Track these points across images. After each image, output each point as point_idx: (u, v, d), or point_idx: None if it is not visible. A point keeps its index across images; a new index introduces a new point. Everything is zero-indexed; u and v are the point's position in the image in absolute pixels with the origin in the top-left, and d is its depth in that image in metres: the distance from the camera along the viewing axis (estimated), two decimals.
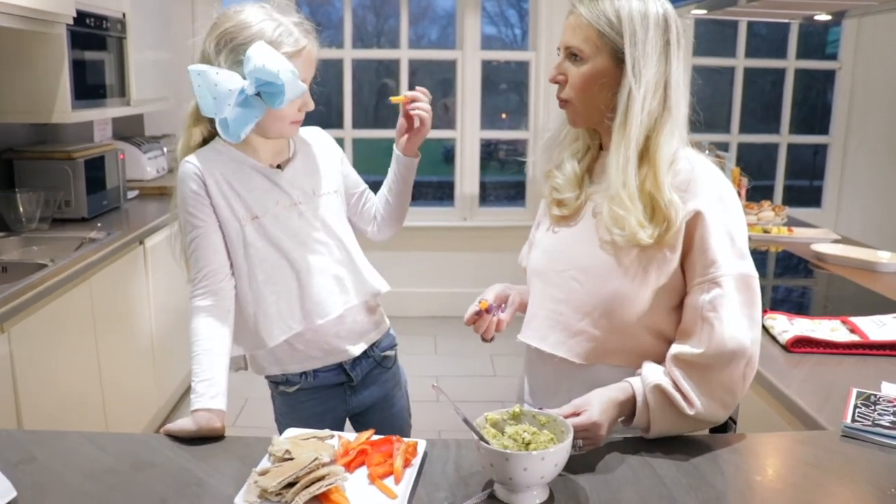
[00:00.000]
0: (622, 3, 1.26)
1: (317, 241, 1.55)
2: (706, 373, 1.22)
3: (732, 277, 1.23)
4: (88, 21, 3.11)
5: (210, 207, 1.48)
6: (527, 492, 1.06)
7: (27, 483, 1.12)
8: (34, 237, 2.90)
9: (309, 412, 1.63)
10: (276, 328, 1.53)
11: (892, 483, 1.12)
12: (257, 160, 1.52)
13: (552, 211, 1.42)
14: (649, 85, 1.24)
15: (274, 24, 1.43)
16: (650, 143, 1.26)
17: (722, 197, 1.27)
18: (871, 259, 2.53)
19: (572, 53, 1.30)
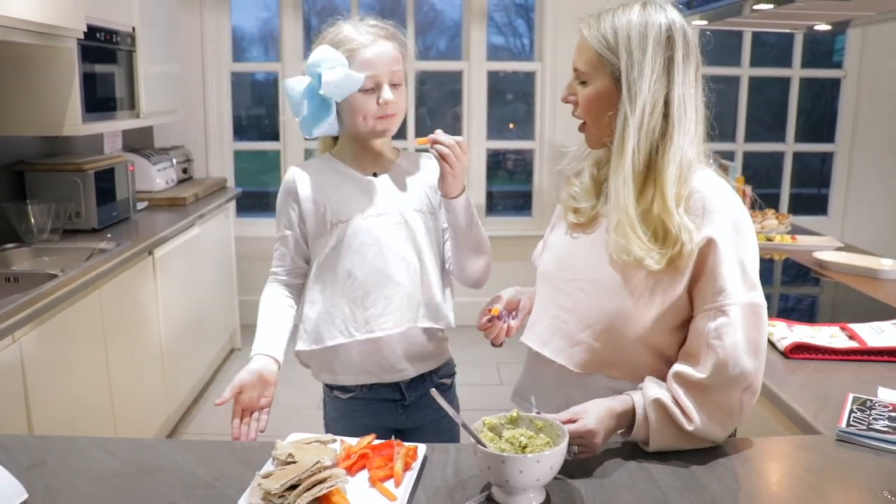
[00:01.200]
0: (621, 23, 1.27)
1: (396, 255, 1.59)
2: (706, 394, 1.22)
3: (740, 307, 1.22)
4: (99, 35, 3.17)
5: (297, 215, 1.62)
6: (523, 494, 1.09)
7: (38, 486, 1.15)
8: (45, 248, 2.94)
9: (359, 422, 1.65)
10: (337, 330, 1.60)
11: (884, 486, 1.14)
12: (355, 169, 1.62)
13: (568, 217, 1.42)
14: (646, 105, 1.24)
15: (345, 30, 1.56)
16: (654, 164, 1.26)
17: (737, 224, 1.26)
18: (874, 266, 2.54)
19: (579, 77, 1.32)
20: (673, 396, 1.24)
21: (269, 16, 5.14)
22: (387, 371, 1.64)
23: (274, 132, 5.04)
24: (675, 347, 1.31)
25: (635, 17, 1.27)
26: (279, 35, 4.81)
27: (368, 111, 1.54)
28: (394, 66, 1.55)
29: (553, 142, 4.90)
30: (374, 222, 1.58)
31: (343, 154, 1.65)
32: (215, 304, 4.14)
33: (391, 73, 1.54)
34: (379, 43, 1.55)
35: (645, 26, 1.26)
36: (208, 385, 4.01)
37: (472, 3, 4.79)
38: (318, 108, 1.54)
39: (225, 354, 4.39)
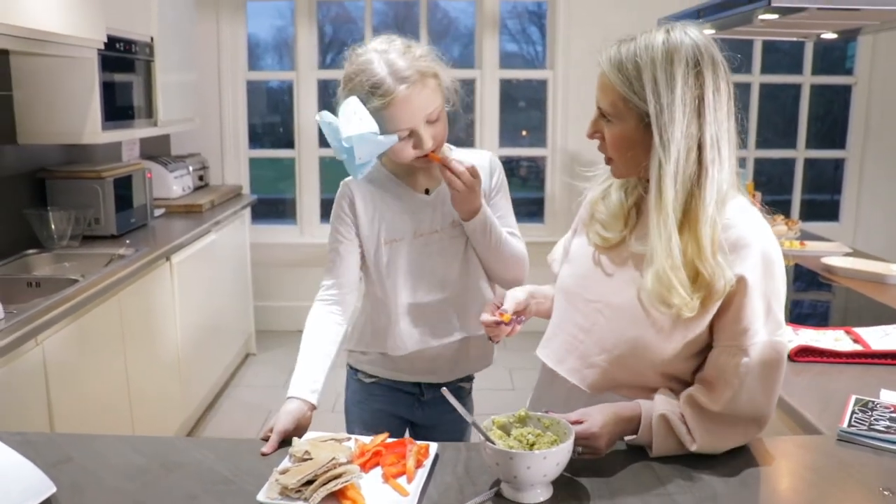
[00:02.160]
0: (645, 60, 1.21)
1: (447, 270, 1.64)
2: (715, 423, 1.24)
3: (761, 345, 1.22)
4: (118, 45, 3.24)
5: (354, 227, 1.64)
6: (531, 490, 1.13)
7: (65, 482, 1.20)
8: (65, 254, 3.00)
9: (377, 407, 1.72)
10: (395, 343, 1.65)
11: (882, 483, 1.17)
12: (409, 184, 1.64)
13: (592, 236, 1.40)
14: (680, 152, 1.20)
15: (376, 74, 1.48)
16: (690, 209, 1.22)
17: (768, 261, 1.23)
18: (882, 271, 2.57)
19: (605, 114, 1.28)
20: (681, 414, 1.25)
21: (283, 24, 5.21)
22: (415, 374, 1.71)
23: (288, 140, 5.11)
24: (689, 373, 1.31)
25: (658, 52, 1.21)
26: (294, 44, 4.88)
27: (408, 156, 1.54)
28: (429, 109, 1.52)
29: (566, 149, 4.94)
30: (427, 240, 1.63)
31: (396, 166, 1.64)
32: (231, 309, 4.20)
33: (426, 116, 1.52)
34: (413, 93, 1.49)
35: (671, 64, 1.20)
36: (224, 390, 4.06)
37: (485, 12, 4.85)
38: (358, 161, 1.52)
39: (240, 360, 4.45)
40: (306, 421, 1.44)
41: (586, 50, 4.96)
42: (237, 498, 1.16)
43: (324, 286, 1.66)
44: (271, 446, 1.33)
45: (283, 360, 4.51)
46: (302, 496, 1.12)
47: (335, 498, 1.13)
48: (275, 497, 1.13)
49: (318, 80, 4.90)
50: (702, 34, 1.25)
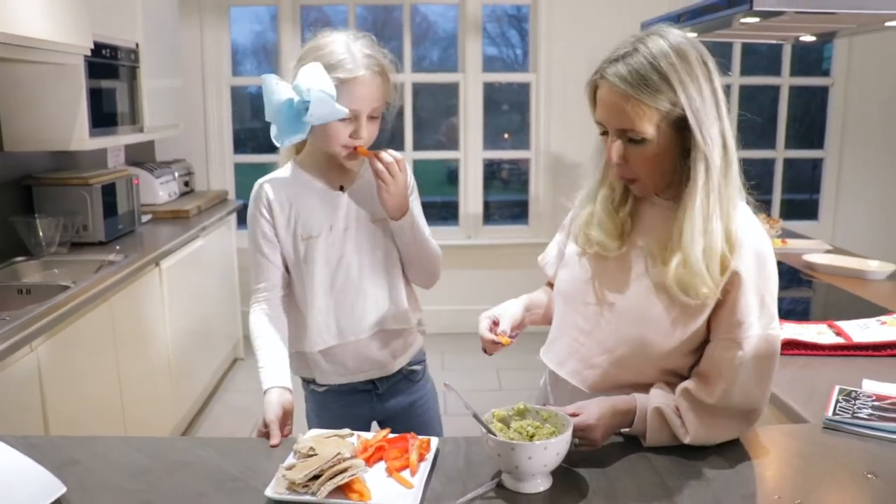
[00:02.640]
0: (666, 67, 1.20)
1: (361, 265, 1.67)
2: (710, 415, 1.27)
3: (756, 339, 1.26)
4: (104, 52, 3.24)
5: (273, 228, 1.64)
6: (531, 480, 1.16)
7: (73, 482, 1.21)
8: (54, 260, 3.00)
9: (336, 413, 1.75)
10: (314, 338, 1.68)
11: (867, 468, 1.23)
12: (322, 182, 1.66)
13: (587, 248, 1.40)
14: (717, 143, 1.23)
15: (341, 51, 1.54)
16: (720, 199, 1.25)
17: (762, 258, 1.27)
18: (861, 268, 2.63)
19: (632, 137, 1.25)
20: (676, 407, 1.29)
21: (262, 28, 5.22)
22: (359, 372, 1.74)
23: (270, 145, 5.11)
24: (687, 368, 1.35)
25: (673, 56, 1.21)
26: (278, 49, 4.90)
27: (340, 139, 1.56)
28: (375, 103, 1.57)
29: (549, 151, 4.99)
30: (342, 236, 1.66)
31: (310, 164, 1.67)
32: (219, 314, 4.21)
33: (372, 109, 1.57)
34: (370, 80, 1.55)
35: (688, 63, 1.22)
36: (213, 394, 4.07)
37: (468, 16, 4.89)
38: (294, 124, 1.54)
39: (228, 364, 4.45)
40: (289, 405, 1.52)
41: (569, 53, 5.02)
42: (245, 494, 1.19)
43: (255, 290, 1.69)
44: (276, 437, 1.39)
45: None
46: (309, 490, 1.15)
47: (342, 491, 1.16)
48: (283, 492, 1.16)
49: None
50: (685, 35, 1.27)
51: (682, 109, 1.21)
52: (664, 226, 1.31)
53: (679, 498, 1.15)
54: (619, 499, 1.15)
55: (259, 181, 1.68)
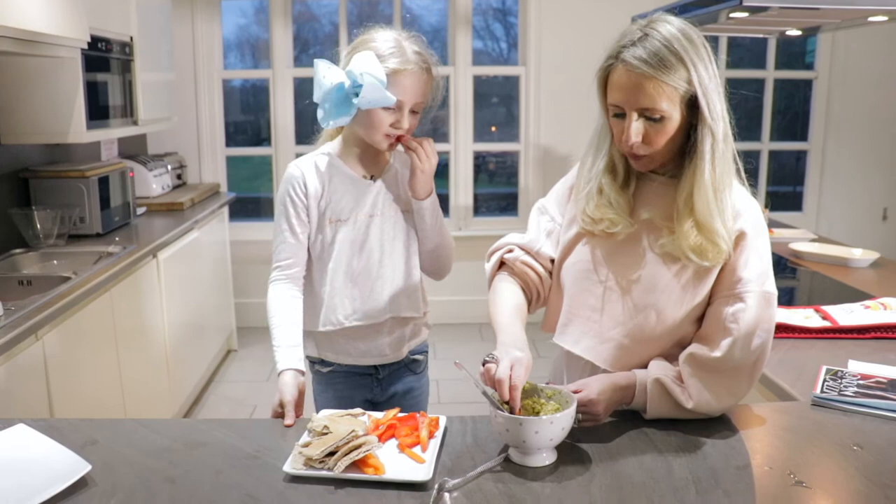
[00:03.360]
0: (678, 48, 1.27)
1: (383, 252, 1.74)
2: (715, 374, 1.34)
3: (756, 294, 1.34)
4: (100, 45, 3.27)
5: (304, 209, 1.71)
6: (537, 454, 1.22)
7: (96, 461, 1.26)
8: (52, 252, 3.03)
9: (340, 393, 1.82)
10: (329, 318, 1.74)
11: (853, 441, 1.30)
12: (352, 170, 1.73)
13: (592, 229, 1.44)
14: (721, 121, 1.32)
15: (391, 44, 1.62)
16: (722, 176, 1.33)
17: (758, 223, 1.38)
18: (845, 255, 2.72)
19: (651, 116, 1.31)
20: (677, 376, 1.35)
21: (246, 22, 5.24)
22: (366, 355, 1.80)
23: (258, 138, 5.15)
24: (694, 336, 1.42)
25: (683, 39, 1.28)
26: (270, 42, 4.92)
27: (382, 128, 1.64)
28: (419, 97, 1.65)
29: (538, 144, 5.05)
30: (368, 222, 1.73)
31: (344, 152, 1.75)
32: (213, 306, 4.25)
33: (415, 102, 1.65)
34: (418, 74, 1.63)
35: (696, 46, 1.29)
36: (207, 385, 4.11)
37: (458, 10, 4.94)
38: (341, 106, 1.63)
39: (223, 356, 4.49)
40: (303, 386, 1.60)
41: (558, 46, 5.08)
42: (263, 471, 1.24)
43: (276, 267, 1.75)
44: (291, 417, 1.46)
45: (264, 355, 4.56)
46: (325, 466, 1.21)
47: (357, 466, 1.21)
48: (300, 468, 1.21)
49: (293, 78, 4.96)
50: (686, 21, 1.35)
51: (695, 87, 1.29)
52: (664, 200, 1.40)
53: (677, 469, 1.21)
54: (621, 471, 1.21)
55: (293, 163, 1.75)
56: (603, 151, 1.44)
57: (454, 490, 1.16)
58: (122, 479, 1.22)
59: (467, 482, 1.18)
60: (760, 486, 1.17)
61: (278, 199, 1.75)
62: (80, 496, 1.17)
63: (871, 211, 5.43)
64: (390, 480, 1.18)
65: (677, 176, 1.39)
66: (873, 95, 5.24)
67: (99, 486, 1.20)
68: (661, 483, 1.17)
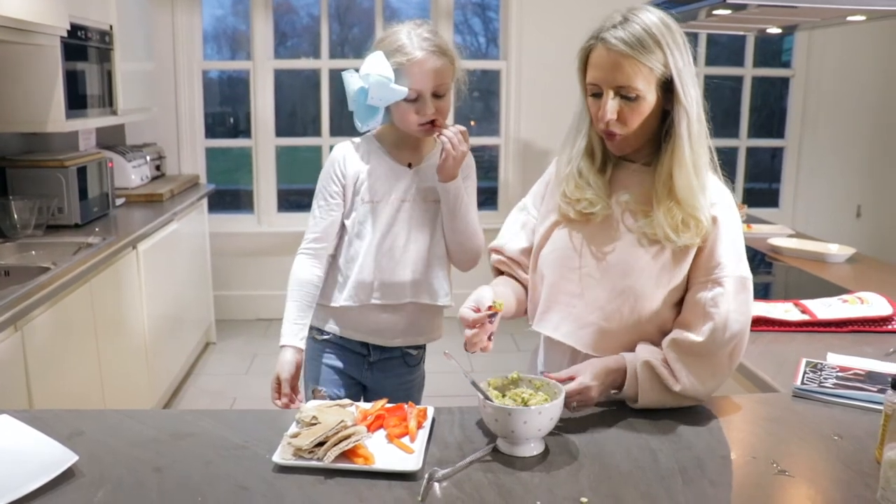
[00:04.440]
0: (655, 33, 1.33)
1: (412, 237, 1.78)
2: (699, 357, 1.36)
3: (733, 279, 1.37)
4: (80, 33, 3.23)
5: (341, 188, 1.80)
6: (526, 444, 1.24)
7: (82, 452, 1.25)
8: (30, 243, 3.00)
9: (328, 363, 1.86)
10: (349, 293, 1.79)
11: (833, 431, 1.33)
12: (393, 157, 1.80)
13: (569, 214, 1.48)
14: (695, 105, 1.37)
15: (402, 38, 1.69)
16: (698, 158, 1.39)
17: (731, 207, 1.43)
18: (822, 251, 2.76)
19: (625, 94, 1.35)
20: (664, 359, 1.38)
21: (223, 13, 5.20)
22: (372, 334, 1.84)
23: (236, 130, 5.12)
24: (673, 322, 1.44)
25: (662, 25, 1.34)
26: (251, 34, 4.89)
27: (408, 118, 1.72)
28: (438, 80, 1.69)
29: (518, 138, 5.06)
30: (399, 206, 1.78)
31: (386, 139, 1.82)
32: (192, 298, 4.22)
33: (435, 86, 1.70)
34: (428, 59, 1.68)
35: (673, 33, 1.35)
36: (186, 378, 4.08)
37: (440, 4, 4.94)
38: (367, 109, 1.73)
39: (201, 348, 4.46)
40: (300, 364, 1.74)
41: (539, 41, 5.09)
42: (252, 461, 1.24)
43: (307, 239, 1.82)
44: (288, 396, 1.58)
45: (243, 348, 4.55)
46: (315, 456, 1.21)
47: (346, 456, 1.21)
48: (289, 458, 1.21)
49: (273, 69, 4.92)
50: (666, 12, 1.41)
51: (671, 70, 1.34)
52: (641, 186, 1.44)
53: (663, 459, 1.23)
54: (608, 460, 1.23)
55: (340, 144, 1.84)
56: (582, 133, 1.48)
57: (444, 480, 1.17)
58: (109, 470, 1.21)
59: (457, 472, 1.19)
60: (744, 475, 1.19)
61: (321, 177, 1.83)
62: (67, 486, 1.16)
63: (845, 208, 5.51)
64: (380, 470, 1.19)
65: (651, 164, 1.44)
66: (849, 94, 5.32)
67: (86, 477, 1.19)
68: (648, 472, 1.19)
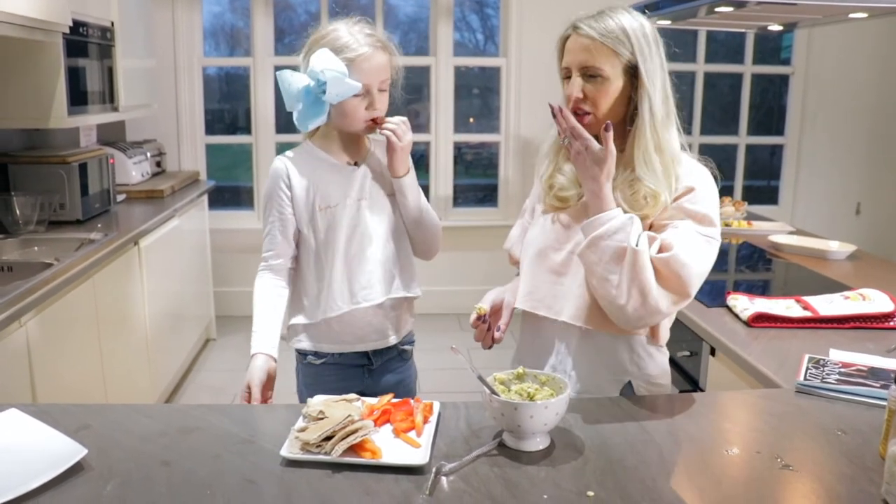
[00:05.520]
0: (625, 22, 1.44)
1: (374, 234, 1.77)
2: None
3: (696, 232, 1.43)
4: (81, 30, 3.23)
5: (289, 201, 1.75)
6: (532, 438, 1.24)
7: (90, 445, 1.25)
8: (33, 239, 3.00)
9: (329, 385, 1.80)
10: (329, 305, 1.77)
11: (836, 426, 1.33)
12: (336, 158, 1.79)
13: (549, 201, 1.59)
14: (659, 90, 1.45)
15: (343, 35, 1.69)
16: (662, 139, 1.46)
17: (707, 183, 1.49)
18: (823, 248, 2.77)
19: (591, 74, 1.46)
20: None
21: (221, 10, 5.20)
22: (361, 341, 1.83)
23: (235, 127, 5.12)
24: None
25: (630, 18, 1.46)
26: (251, 30, 4.89)
27: (358, 115, 1.72)
28: (383, 75, 1.72)
29: (518, 135, 5.07)
30: (357, 206, 1.77)
31: (325, 143, 1.80)
32: (193, 294, 4.23)
33: (381, 82, 1.72)
34: (375, 55, 1.70)
35: (644, 28, 1.46)
36: (187, 374, 4.09)
37: (439, 1, 4.94)
38: (313, 107, 1.70)
39: (202, 344, 4.47)
40: (273, 371, 1.69)
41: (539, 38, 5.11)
42: (259, 455, 1.25)
43: (264, 258, 1.81)
44: (257, 399, 1.55)
45: (244, 344, 4.47)
46: (322, 450, 1.22)
47: (353, 451, 1.22)
48: (297, 452, 1.22)
49: (274, 66, 4.92)
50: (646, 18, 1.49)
51: (636, 57, 1.43)
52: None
53: (668, 454, 1.24)
54: (614, 455, 1.23)
55: (278, 157, 1.80)
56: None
57: (451, 474, 1.17)
58: (117, 464, 1.22)
59: (463, 466, 1.20)
60: (749, 470, 1.20)
61: (264, 193, 1.81)
62: (76, 480, 1.17)
63: (845, 205, 5.53)
64: (388, 464, 1.20)
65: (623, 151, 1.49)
66: (849, 91, 5.33)
67: (95, 470, 1.20)
68: (653, 467, 1.19)
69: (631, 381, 1.54)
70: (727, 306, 2.06)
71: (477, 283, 1.55)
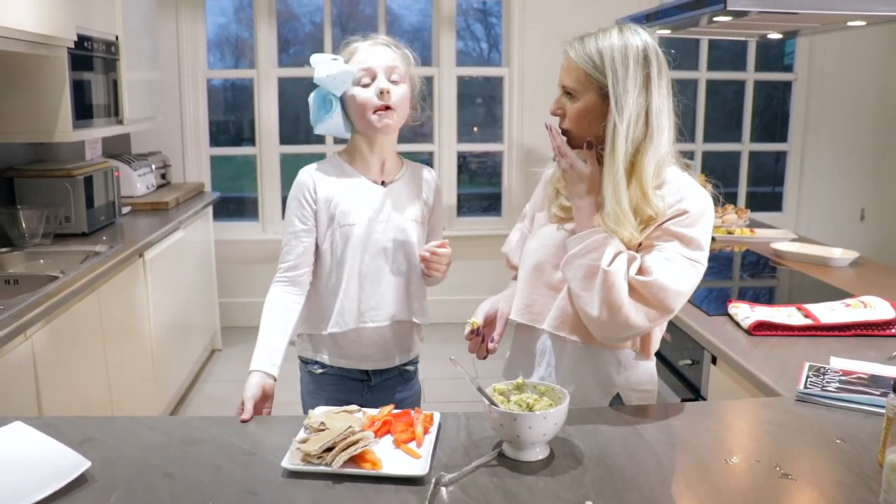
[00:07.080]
0: (605, 45, 1.44)
1: (391, 258, 1.77)
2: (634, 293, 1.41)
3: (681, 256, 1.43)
4: (86, 44, 3.26)
5: (312, 213, 1.75)
6: (531, 448, 1.25)
7: (94, 457, 1.27)
8: (38, 251, 3.02)
9: (330, 395, 1.82)
10: (335, 320, 1.77)
11: (836, 434, 1.34)
12: (364, 175, 1.78)
13: (553, 211, 1.60)
14: (631, 117, 1.42)
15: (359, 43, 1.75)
16: (636, 165, 1.44)
17: (703, 204, 1.47)
18: (825, 255, 2.77)
19: (567, 91, 1.50)
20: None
21: (226, 21, 5.23)
22: (365, 360, 1.83)
23: (240, 138, 5.14)
24: None
25: (615, 40, 1.44)
26: (254, 42, 4.92)
27: (367, 103, 1.70)
28: (390, 63, 1.72)
29: (522, 144, 5.08)
30: (377, 228, 1.76)
31: (352, 157, 1.80)
32: (198, 305, 4.24)
33: (387, 69, 1.71)
34: (378, 46, 1.73)
35: (625, 48, 1.44)
36: (193, 385, 4.10)
37: (442, 10, 4.96)
38: (322, 104, 1.73)
39: (207, 355, 4.49)
40: (270, 389, 1.65)
41: (542, 48, 5.13)
42: (261, 467, 1.26)
43: (280, 269, 1.79)
44: (248, 413, 1.51)
45: (249, 355, 4.45)
46: (324, 461, 1.23)
47: (354, 462, 1.23)
48: (298, 463, 1.23)
49: (277, 77, 4.96)
50: (647, 32, 1.48)
51: (605, 82, 1.43)
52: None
53: (667, 463, 1.25)
54: (613, 464, 1.24)
55: (305, 168, 1.80)
56: None
57: (450, 484, 1.18)
58: (121, 476, 1.23)
59: (463, 476, 1.20)
60: (748, 479, 1.21)
61: (288, 202, 1.80)
62: (80, 492, 1.18)
63: (849, 211, 5.52)
64: (388, 475, 1.21)
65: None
66: (851, 97, 5.34)
67: (99, 483, 1.21)
68: (652, 476, 1.20)
69: (619, 393, 1.55)
70: (728, 314, 2.06)
71: (481, 293, 1.57)
